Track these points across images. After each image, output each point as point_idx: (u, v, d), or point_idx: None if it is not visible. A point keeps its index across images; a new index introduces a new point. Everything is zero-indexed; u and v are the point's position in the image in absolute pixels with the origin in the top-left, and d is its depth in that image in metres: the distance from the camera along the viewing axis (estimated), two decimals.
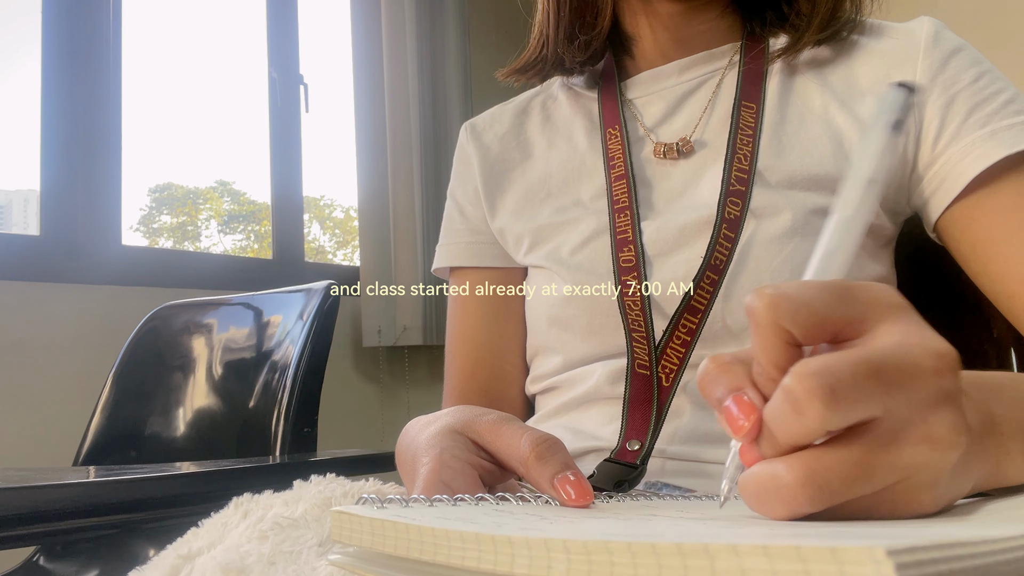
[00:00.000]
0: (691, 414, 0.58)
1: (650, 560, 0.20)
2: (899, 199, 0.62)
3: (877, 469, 0.27)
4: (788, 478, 0.27)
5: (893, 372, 0.27)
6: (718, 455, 0.56)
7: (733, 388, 0.30)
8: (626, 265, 0.61)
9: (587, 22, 0.69)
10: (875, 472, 0.27)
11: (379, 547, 0.27)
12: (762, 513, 0.29)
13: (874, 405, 0.27)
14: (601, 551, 0.21)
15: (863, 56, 0.63)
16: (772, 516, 0.28)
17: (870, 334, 0.29)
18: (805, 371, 0.27)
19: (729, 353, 0.32)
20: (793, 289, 0.29)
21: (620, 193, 0.64)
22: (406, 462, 0.46)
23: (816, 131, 0.61)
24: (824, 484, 0.27)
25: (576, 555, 0.21)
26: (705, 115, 0.66)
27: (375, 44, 2.21)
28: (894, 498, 0.28)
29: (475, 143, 0.76)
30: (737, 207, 0.59)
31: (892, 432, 0.27)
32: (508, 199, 0.73)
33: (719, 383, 0.31)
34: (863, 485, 0.27)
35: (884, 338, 0.29)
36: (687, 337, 0.57)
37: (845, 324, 0.30)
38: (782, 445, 0.28)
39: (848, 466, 0.27)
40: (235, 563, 0.41)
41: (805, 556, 0.18)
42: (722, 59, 0.68)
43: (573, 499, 0.36)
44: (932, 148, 0.59)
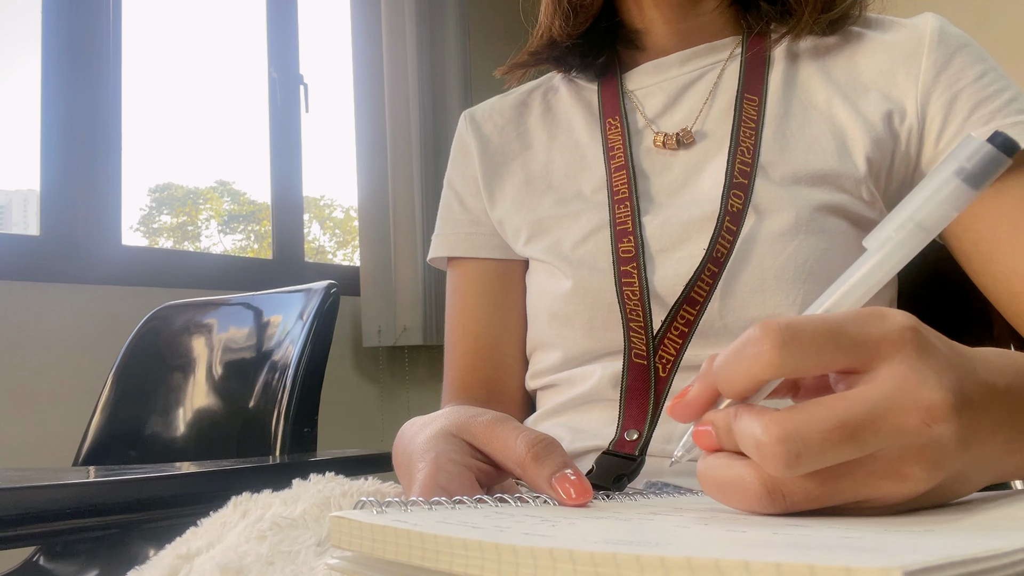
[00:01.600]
0: None
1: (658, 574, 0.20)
2: (901, 195, 0.62)
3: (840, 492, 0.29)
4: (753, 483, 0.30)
5: (871, 432, 0.28)
6: None
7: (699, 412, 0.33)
8: (626, 255, 0.60)
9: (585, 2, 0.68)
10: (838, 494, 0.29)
11: (379, 553, 0.27)
12: (719, 501, 0.31)
13: (845, 458, 0.28)
14: (608, 563, 0.20)
15: (866, 49, 0.63)
16: (731, 506, 0.31)
17: (868, 376, 0.29)
18: (778, 434, 0.28)
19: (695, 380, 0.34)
20: (807, 335, 0.29)
21: (620, 184, 0.63)
22: (402, 466, 0.46)
23: (820, 127, 0.61)
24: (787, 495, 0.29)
25: (582, 566, 0.21)
26: (706, 106, 0.66)
27: (375, 44, 2.21)
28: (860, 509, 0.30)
29: (474, 133, 0.76)
30: (740, 200, 0.58)
31: (863, 466, 0.29)
32: (508, 189, 0.72)
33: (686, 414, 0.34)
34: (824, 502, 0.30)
35: (878, 388, 0.29)
36: (685, 329, 0.56)
37: (850, 366, 0.30)
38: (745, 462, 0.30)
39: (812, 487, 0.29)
40: (233, 563, 0.41)
41: (818, 574, 0.18)
42: (723, 51, 0.67)
43: (572, 498, 0.35)
44: (935, 145, 0.59)
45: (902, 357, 0.29)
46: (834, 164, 0.59)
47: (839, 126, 0.61)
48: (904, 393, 0.28)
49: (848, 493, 0.29)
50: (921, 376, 0.29)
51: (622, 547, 0.21)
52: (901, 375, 0.29)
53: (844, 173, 0.59)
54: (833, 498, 0.29)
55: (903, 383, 0.29)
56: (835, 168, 0.59)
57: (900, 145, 0.60)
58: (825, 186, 0.59)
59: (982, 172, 0.32)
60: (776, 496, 0.29)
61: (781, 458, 0.28)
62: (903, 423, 0.28)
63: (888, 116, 0.60)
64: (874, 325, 0.30)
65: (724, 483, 0.31)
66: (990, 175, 0.32)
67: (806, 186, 0.59)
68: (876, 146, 0.59)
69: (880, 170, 0.60)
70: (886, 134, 0.60)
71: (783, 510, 0.30)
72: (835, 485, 0.29)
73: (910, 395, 0.28)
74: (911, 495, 0.29)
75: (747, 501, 0.30)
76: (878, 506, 0.30)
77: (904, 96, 0.60)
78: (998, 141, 0.32)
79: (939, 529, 0.26)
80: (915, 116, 0.60)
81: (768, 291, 0.57)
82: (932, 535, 0.24)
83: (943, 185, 0.32)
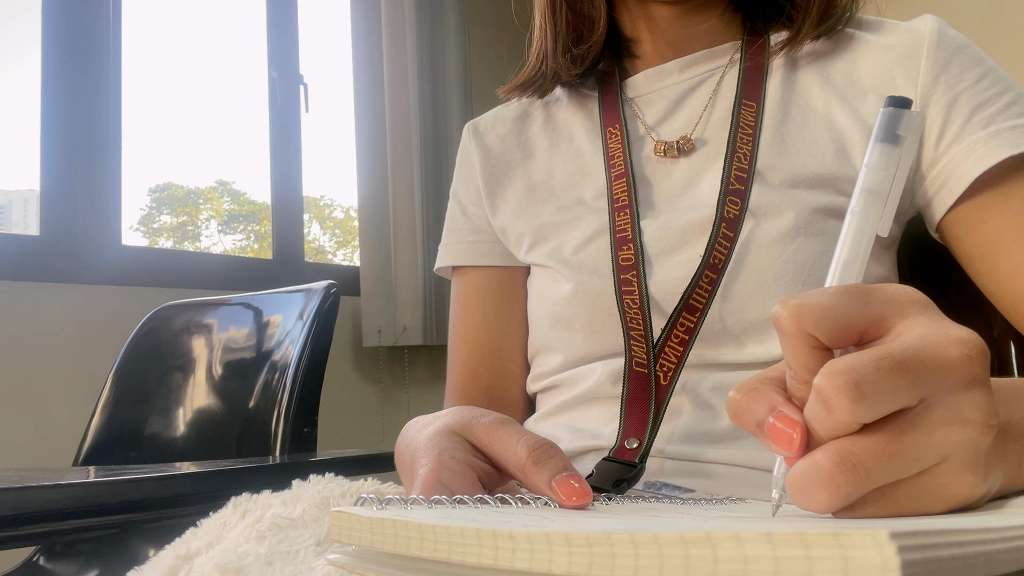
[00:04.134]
0: (690, 413, 0.58)
1: (652, 550, 0.20)
2: (902, 199, 0.62)
3: (910, 448, 0.28)
4: (825, 462, 0.29)
5: (918, 364, 0.28)
6: (717, 455, 0.56)
7: (770, 408, 0.31)
8: (625, 263, 0.61)
9: (583, 34, 0.69)
10: (908, 451, 0.28)
11: (379, 545, 0.27)
12: (808, 507, 0.29)
13: (902, 396, 0.28)
14: (603, 542, 0.21)
15: (865, 52, 0.63)
16: (817, 507, 0.29)
17: (894, 331, 0.31)
18: (832, 370, 0.28)
19: (751, 378, 0.33)
20: (814, 296, 0.31)
21: (620, 192, 0.64)
22: (405, 463, 0.46)
23: (818, 131, 0.61)
24: (858, 463, 0.28)
25: (578, 547, 0.21)
26: (706, 113, 0.66)
27: (375, 44, 2.21)
28: (938, 482, 0.29)
29: (477, 143, 0.76)
30: (736, 206, 0.58)
31: (924, 416, 0.29)
32: (509, 197, 0.72)
33: (754, 407, 0.32)
34: (897, 464, 0.29)
35: (907, 333, 0.30)
36: (685, 336, 0.57)
37: (868, 325, 0.31)
38: (821, 441, 0.30)
39: (880, 446, 0.28)
40: (233, 563, 0.41)
41: (808, 541, 0.18)
42: (723, 57, 0.67)
43: (572, 500, 0.35)
44: (935, 148, 0.59)
45: (917, 310, 0.31)
46: (833, 167, 0.59)
47: (838, 130, 0.61)
48: (934, 331, 0.30)
49: (920, 448, 0.28)
50: (941, 320, 0.31)
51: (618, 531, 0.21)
52: (924, 321, 0.31)
53: (843, 176, 0.59)
54: (907, 459, 0.29)
55: (929, 326, 0.30)
56: (834, 171, 0.59)
57: (897, 159, 0.60)
58: (824, 189, 0.59)
59: (889, 128, 0.38)
60: (848, 466, 0.28)
61: (843, 391, 0.28)
62: (944, 354, 0.29)
63: None
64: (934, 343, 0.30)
65: (802, 481, 0.29)
66: (897, 127, 0.38)
67: (805, 189, 0.59)
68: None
69: None
70: None
71: (860, 485, 0.28)
72: (903, 440, 0.28)
73: (943, 332, 0.30)
74: (981, 445, 0.29)
75: (822, 486, 0.29)
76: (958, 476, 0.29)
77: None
78: (892, 102, 0.39)
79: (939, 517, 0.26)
80: (911, 131, 0.59)
81: (767, 293, 0.57)
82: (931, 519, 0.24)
83: (871, 153, 0.39)
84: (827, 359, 0.30)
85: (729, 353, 0.58)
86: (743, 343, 0.58)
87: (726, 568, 0.19)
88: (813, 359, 0.31)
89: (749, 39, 0.67)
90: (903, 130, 0.38)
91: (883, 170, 0.38)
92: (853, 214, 0.37)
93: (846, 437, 0.29)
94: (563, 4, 0.69)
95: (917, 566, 0.17)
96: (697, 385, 0.58)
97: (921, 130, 0.38)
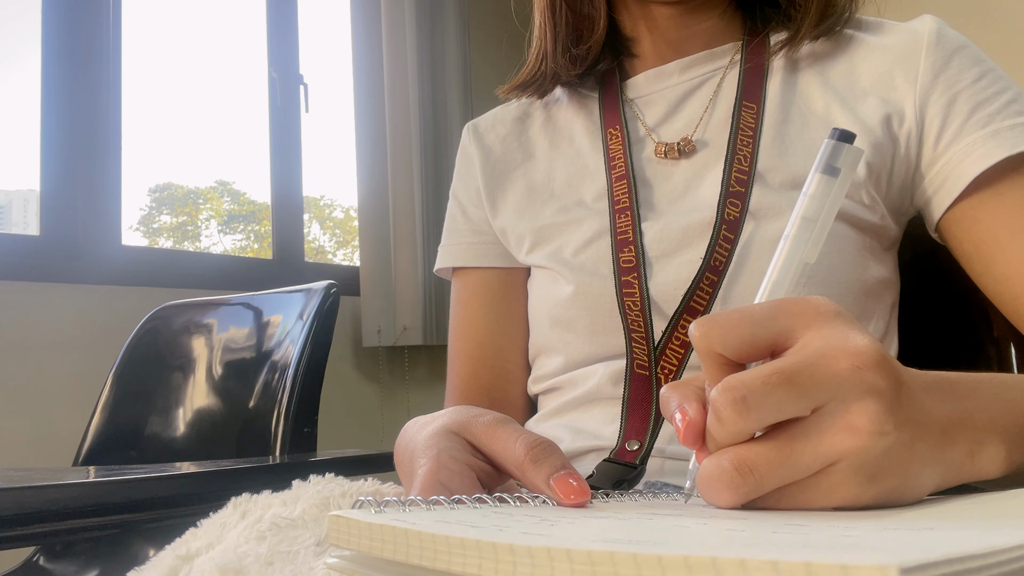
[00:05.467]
0: None
1: (655, 572, 0.20)
2: (902, 199, 0.62)
3: (799, 455, 0.31)
4: (726, 465, 0.32)
5: (807, 376, 0.31)
6: None
7: (679, 404, 0.35)
8: (626, 265, 0.60)
9: (583, 34, 0.69)
10: (797, 457, 0.31)
11: (377, 552, 0.27)
12: (714, 503, 0.33)
13: (789, 408, 0.31)
14: (606, 561, 0.20)
15: (865, 53, 0.63)
16: (721, 503, 0.33)
17: (798, 344, 0.33)
18: (724, 385, 0.32)
19: (684, 378, 0.38)
20: (726, 316, 0.34)
21: (621, 193, 0.64)
22: (404, 462, 0.46)
23: (818, 132, 0.61)
24: (753, 468, 0.31)
25: (579, 564, 0.21)
26: (706, 114, 0.66)
27: (375, 44, 2.21)
28: (828, 483, 0.32)
29: (477, 144, 0.76)
30: (737, 208, 0.58)
31: (814, 425, 0.31)
32: (510, 198, 0.72)
33: (669, 401, 0.36)
34: (788, 470, 0.32)
35: (807, 346, 0.32)
36: (686, 338, 0.56)
37: (775, 339, 0.34)
38: (719, 447, 0.33)
39: (772, 453, 0.31)
40: (232, 563, 0.41)
41: (815, 573, 0.18)
42: (723, 58, 0.67)
43: (570, 499, 0.35)
44: (934, 147, 0.59)
45: (823, 321, 0.33)
46: None
47: None
48: (832, 343, 0.32)
49: (808, 456, 0.31)
50: (844, 330, 0.33)
51: (620, 546, 0.21)
52: (827, 333, 0.33)
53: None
54: (796, 465, 0.31)
55: (829, 337, 0.32)
56: None
57: (899, 148, 0.60)
58: None
59: (830, 161, 0.39)
60: (744, 470, 0.32)
61: (730, 404, 0.31)
62: (835, 367, 0.31)
63: (887, 120, 0.60)
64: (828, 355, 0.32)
65: (706, 478, 0.33)
66: (837, 161, 0.39)
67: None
68: (875, 150, 0.59)
69: (880, 174, 0.60)
70: (885, 138, 0.60)
71: (755, 487, 0.32)
72: (793, 446, 0.31)
73: (838, 344, 0.32)
74: (869, 452, 0.31)
75: (724, 486, 0.32)
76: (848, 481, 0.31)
77: (903, 99, 0.60)
78: (836, 135, 0.40)
79: (940, 526, 0.26)
80: (914, 119, 0.59)
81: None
82: (932, 532, 0.24)
83: (810, 182, 0.40)
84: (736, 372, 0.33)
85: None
86: None
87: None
88: (721, 373, 0.34)
89: (750, 40, 0.67)
90: (841, 163, 0.39)
91: (818, 200, 0.39)
92: (787, 239, 0.39)
93: (745, 444, 0.32)
94: (563, 4, 0.69)
95: None
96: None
97: (857, 165, 0.41)
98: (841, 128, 0.40)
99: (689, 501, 0.38)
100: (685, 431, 0.35)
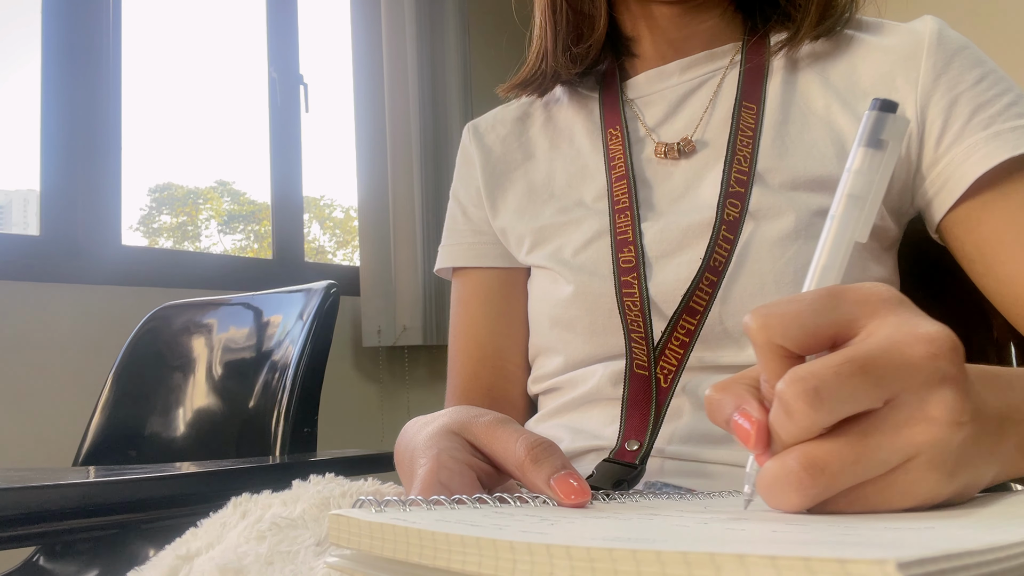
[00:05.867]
0: (690, 414, 0.58)
1: (655, 569, 0.20)
2: (903, 200, 0.62)
3: (875, 450, 0.29)
4: (793, 465, 0.29)
5: (881, 365, 0.29)
6: (717, 455, 0.56)
7: (737, 405, 0.33)
8: (626, 266, 0.60)
9: (583, 33, 0.69)
10: (873, 453, 0.29)
11: (377, 550, 0.27)
12: (778, 506, 0.30)
13: (863, 399, 0.29)
14: (605, 558, 0.20)
15: (865, 53, 0.63)
16: (787, 507, 0.30)
17: (863, 332, 0.31)
18: (793, 377, 0.29)
19: (729, 378, 0.34)
20: (783, 306, 0.32)
21: (620, 193, 0.64)
22: (404, 462, 0.46)
23: (819, 132, 0.61)
24: (824, 467, 0.29)
25: (579, 561, 0.21)
26: (706, 115, 0.66)
27: (375, 44, 2.21)
28: (905, 480, 0.29)
29: (477, 144, 0.76)
30: (736, 208, 0.58)
31: (889, 417, 0.29)
32: (510, 198, 0.72)
33: (723, 404, 0.33)
34: (862, 466, 0.29)
35: (875, 334, 0.30)
36: (686, 338, 0.57)
37: (838, 329, 0.31)
38: (786, 445, 0.30)
39: (846, 449, 0.29)
40: (232, 563, 0.41)
41: (813, 568, 0.18)
42: (723, 58, 0.67)
43: (570, 498, 0.35)
44: (935, 149, 0.59)
45: (888, 309, 0.31)
46: (833, 169, 0.59)
47: (838, 131, 0.61)
48: (902, 330, 0.30)
49: (884, 450, 0.29)
50: (911, 317, 0.31)
51: (619, 544, 0.21)
52: (894, 320, 0.31)
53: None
54: (872, 460, 0.29)
55: (898, 324, 0.30)
56: (834, 173, 0.59)
57: (900, 150, 0.60)
58: (825, 191, 0.59)
59: (874, 132, 0.37)
60: (814, 469, 0.29)
61: (802, 397, 0.29)
62: (909, 354, 0.29)
63: None
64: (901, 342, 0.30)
65: (772, 482, 0.30)
66: (882, 133, 0.37)
67: (805, 191, 0.59)
68: None
69: None
70: None
71: (827, 487, 0.29)
72: (867, 441, 0.29)
73: (909, 330, 0.30)
74: (948, 444, 0.29)
75: (792, 488, 0.29)
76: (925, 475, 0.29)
77: (903, 100, 0.60)
78: (878, 105, 0.37)
79: (940, 525, 0.26)
80: (915, 120, 0.59)
81: (768, 295, 0.57)
82: (932, 531, 0.24)
83: (854, 157, 0.37)
84: (797, 365, 0.31)
85: (729, 355, 0.58)
86: (743, 345, 0.58)
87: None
88: (782, 366, 0.31)
89: (749, 39, 0.67)
90: (887, 134, 0.37)
91: (865, 175, 0.37)
92: (833, 219, 0.38)
93: (814, 441, 0.30)
94: (563, 3, 0.69)
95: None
96: (697, 387, 0.58)
97: (905, 135, 0.38)
98: (882, 98, 0.38)
99: (749, 507, 0.35)
100: (757, 434, 0.31)
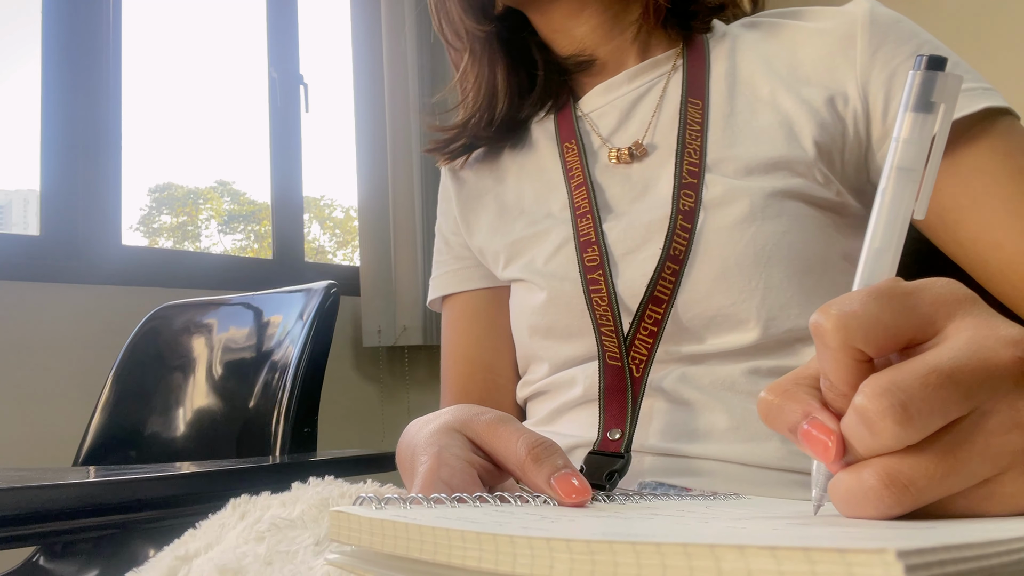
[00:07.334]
0: (664, 412, 0.59)
1: (655, 560, 0.20)
2: (859, 176, 0.63)
3: (965, 463, 0.27)
4: (873, 481, 0.27)
5: (968, 373, 0.27)
6: (695, 450, 0.57)
7: (804, 413, 0.30)
8: (591, 264, 0.62)
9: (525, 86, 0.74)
10: (963, 466, 0.27)
11: (378, 546, 0.27)
12: (854, 517, 0.28)
13: (952, 410, 0.27)
14: (605, 551, 0.20)
15: (804, 39, 0.65)
16: (865, 518, 0.28)
17: (940, 335, 0.29)
18: (875, 390, 0.27)
19: (783, 378, 0.32)
20: (857, 304, 0.29)
21: (581, 199, 0.66)
22: (405, 460, 0.46)
23: (767, 117, 0.63)
24: (909, 484, 0.27)
25: (579, 554, 0.21)
26: (655, 118, 0.67)
27: (375, 44, 2.21)
28: (1001, 492, 0.28)
29: (452, 178, 0.80)
30: (691, 199, 0.60)
31: (978, 426, 0.27)
32: (483, 219, 0.75)
33: (787, 410, 0.30)
34: (951, 481, 0.27)
35: (954, 337, 0.28)
36: (654, 328, 0.58)
37: (915, 332, 0.29)
38: (862, 457, 0.28)
39: (933, 464, 0.27)
40: (231, 564, 0.41)
41: (813, 558, 0.18)
42: (667, 63, 0.70)
43: (571, 498, 0.36)
44: (882, 122, 0.60)
45: (965, 309, 0.29)
46: (784, 151, 0.60)
47: (785, 114, 0.62)
48: (983, 333, 0.28)
49: (975, 463, 0.27)
50: (989, 319, 0.29)
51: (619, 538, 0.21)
52: (973, 322, 0.28)
53: (795, 158, 0.60)
54: (961, 474, 0.27)
55: (978, 327, 0.28)
56: (785, 155, 0.60)
57: (848, 128, 0.61)
58: (778, 172, 0.60)
59: (922, 96, 0.33)
60: (897, 487, 0.27)
61: (888, 414, 0.26)
62: (996, 360, 0.27)
63: (831, 101, 0.61)
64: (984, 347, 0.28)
65: (848, 496, 0.28)
66: (931, 93, 0.33)
67: (759, 175, 0.60)
68: (823, 130, 0.61)
69: (831, 152, 0.61)
70: (831, 118, 0.61)
71: (912, 503, 0.27)
72: (957, 454, 0.27)
73: (990, 333, 0.28)
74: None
75: (871, 504, 0.27)
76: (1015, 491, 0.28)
77: (844, 81, 0.61)
78: (923, 63, 0.33)
79: (943, 523, 0.26)
80: (858, 98, 0.61)
81: (731, 278, 0.58)
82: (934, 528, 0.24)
83: (900, 125, 0.33)
84: (869, 371, 0.29)
85: (698, 343, 0.59)
86: (712, 330, 0.59)
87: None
88: (856, 373, 0.29)
89: (687, 42, 0.69)
90: (937, 96, 0.33)
91: (916, 144, 0.33)
92: (883, 194, 0.33)
93: (894, 455, 0.27)
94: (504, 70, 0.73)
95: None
96: (667, 376, 0.59)
97: (958, 94, 0.33)
98: (927, 55, 0.33)
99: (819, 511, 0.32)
100: (836, 448, 0.28)
